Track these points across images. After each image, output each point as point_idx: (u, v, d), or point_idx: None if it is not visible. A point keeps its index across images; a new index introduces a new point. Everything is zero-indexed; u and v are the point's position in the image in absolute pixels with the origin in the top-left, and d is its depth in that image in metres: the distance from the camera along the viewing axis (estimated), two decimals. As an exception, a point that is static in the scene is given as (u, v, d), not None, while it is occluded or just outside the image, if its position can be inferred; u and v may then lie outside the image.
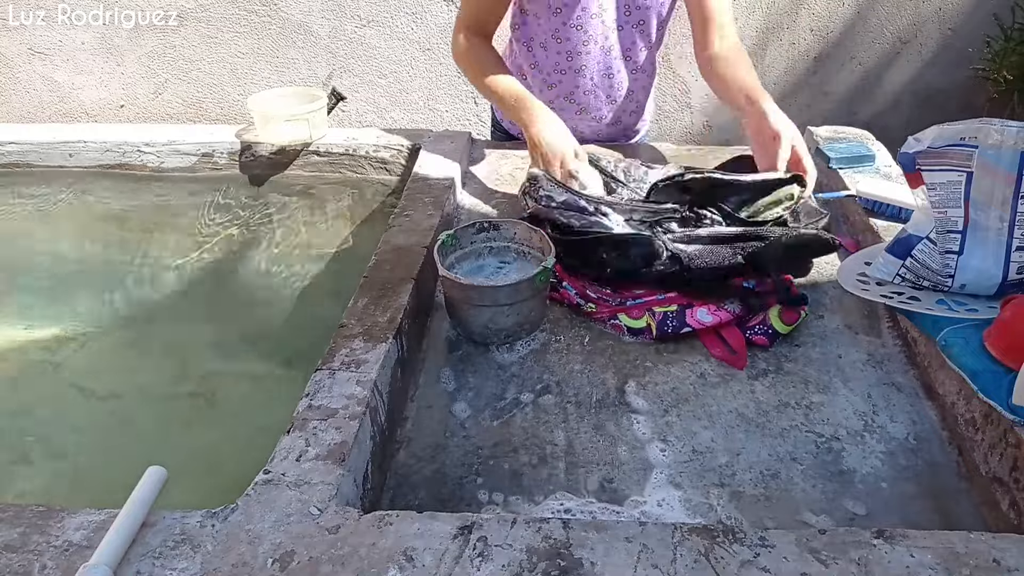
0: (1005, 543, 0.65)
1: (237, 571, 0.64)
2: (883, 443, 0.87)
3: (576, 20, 1.29)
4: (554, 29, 1.33)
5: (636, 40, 1.37)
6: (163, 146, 1.63)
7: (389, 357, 0.90)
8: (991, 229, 0.91)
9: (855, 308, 1.09)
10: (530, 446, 0.87)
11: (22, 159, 1.65)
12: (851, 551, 0.64)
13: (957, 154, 0.90)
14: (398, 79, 2.76)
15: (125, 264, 1.61)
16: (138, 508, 0.67)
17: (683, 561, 0.63)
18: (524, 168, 1.49)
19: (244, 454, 0.88)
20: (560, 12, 1.29)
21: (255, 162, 1.64)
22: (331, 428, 0.78)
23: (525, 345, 1.03)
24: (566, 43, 1.34)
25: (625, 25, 1.34)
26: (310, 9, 2.63)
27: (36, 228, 1.66)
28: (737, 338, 1.01)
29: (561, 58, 1.37)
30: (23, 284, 1.60)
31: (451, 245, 1.09)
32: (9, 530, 0.67)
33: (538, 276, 0.98)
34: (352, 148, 1.62)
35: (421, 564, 0.64)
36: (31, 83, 2.81)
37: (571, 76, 1.39)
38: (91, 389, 1.34)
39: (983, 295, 0.95)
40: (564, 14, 1.29)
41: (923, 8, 2.64)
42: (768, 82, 2.77)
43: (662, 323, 1.02)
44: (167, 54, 2.73)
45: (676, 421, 0.90)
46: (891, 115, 2.82)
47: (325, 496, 0.70)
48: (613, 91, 1.44)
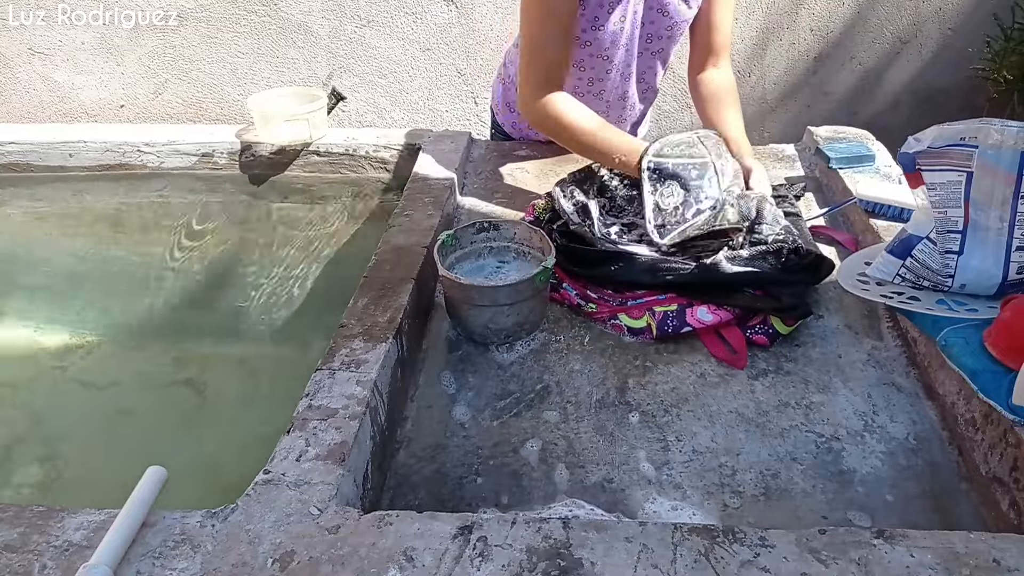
0: (1005, 543, 0.65)
1: (237, 571, 0.64)
2: (883, 443, 0.87)
3: (605, 52, 1.30)
4: (579, 59, 1.32)
5: (653, 65, 1.39)
6: (163, 146, 1.63)
7: (389, 357, 0.90)
8: (991, 229, 0.91)
9: (855, 308, 1.09)
10: (530, 446, 0.87)
11: (22, 159, 1.65)
12: (851, 551, 0.64)
13: (957, 154, 0.90)
14: (398, 79, 2.76)
15: (125, 264, 1.62)
16: (138, 508, 0.67)
17: (683, 561, 0.63)
18: (524, 168, 1.49)
19: (244, 454, 0.88)
20: (589, 45, 1.29)
21: (255, 162, 1.64)
22: (331, 428, 0.78)
23: (525, 345, 1.03)
24: (589, 71, 1.34)
25: (645, 52, 1.35)
26: (310, 9, 2.63)
27: (36, 228, 1.66)
28: (737, 337, 1.01)
29: (582, 83, 1.37)
30: (23, 284, 1.60)
31: (451, 245, 1.09)
32: (9, 530, 0.67)
33: (538, 276, 0.98)
34: (352, 148, 1.62)
35: (421, 564, 0.64)
36: (31, 83, 2.81)
37: (589, 99, 1.39)
38: (91, 389, 1.34)
39: (983, 295, 0.95)
40: (594, 47, 1.29)
41: (923, 8, 2.64)
42: (768, 82, 2.78)
43: (662, 323, 1.02)
44: (167, 54, 2.73)
45: (676, 421, 0.90)
46: (891, 115, 2.83)
47: (325, 496, 0.70)
48: (625, 111, 1.46)
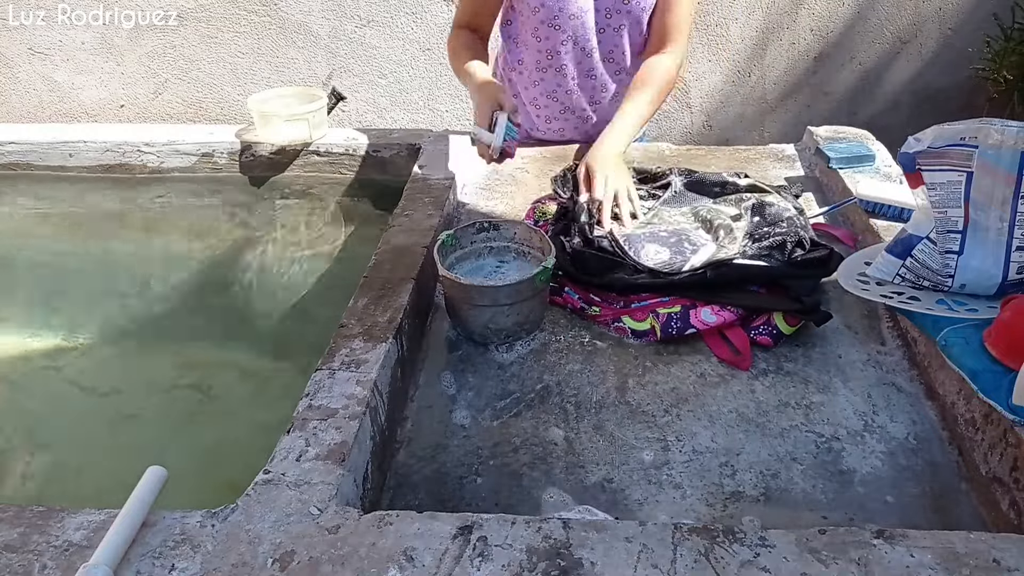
0: (1005, 543, 0.65)
1: (237, 571, 0.64)
2: (883, 443, 0.87)
3: (554, 20, 1.33)
4: (534, 27, 1.36)
5: (618, 43, 1.39)
6: (163, 146, 1.63)
7: (389, 357, 0.90)
8: (991, 229, 0.91)
9: (855, 308, 1.09)
10: (530, 446, 0.87)
11: (22, 159, 1.65)
12: (851, 551, 0.64)
13: (957, 154, 0.89)
14: (398, 79, 2.76)
15: (125, 264, 1.62)
16: (138, 508, 0.67)
17: (683, 561, 0.63)
18: (524, 168, 1.49)
19: (244, 454, 0.88)
20: (538, 11, 1.33)
21: (255, 162, 1.64)
22: (331, 428, 0.78)
23: (525, 345, 1.03)
24: (545, 41, 1.37)
25: (607, 28, 1.37)
26: (310, 9, 2.63)
27: (36, 228, 1.66)
28: (741, 339, 1.01)
29: (542, 56, 1.40)
30: (23, 284, 1.60)
31: (451, 245, 1.09)
32: (9, 530, 0.67)
33: (538, 276, 0.98)
34: (352, 148, 1.62)
35: (421, 564, 0.64)
36: (31, 83, 2.81)
37: (552, 74, 1.43)
38: (91, 389, 1.34)
39: (983, 295, 0.95)
40: (542, 13, 1.33)
41: (923, 8, 2.64)
42: (768, 82, 2.78)
43: (666, 325, 1.02)
44: (167, 54, 2.73)
45: (676, 421, 0.90)
46: (891, 115, 2.82)
47: (325, 496, 0.70)
48: (596, 92, 1.47)
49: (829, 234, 1.25)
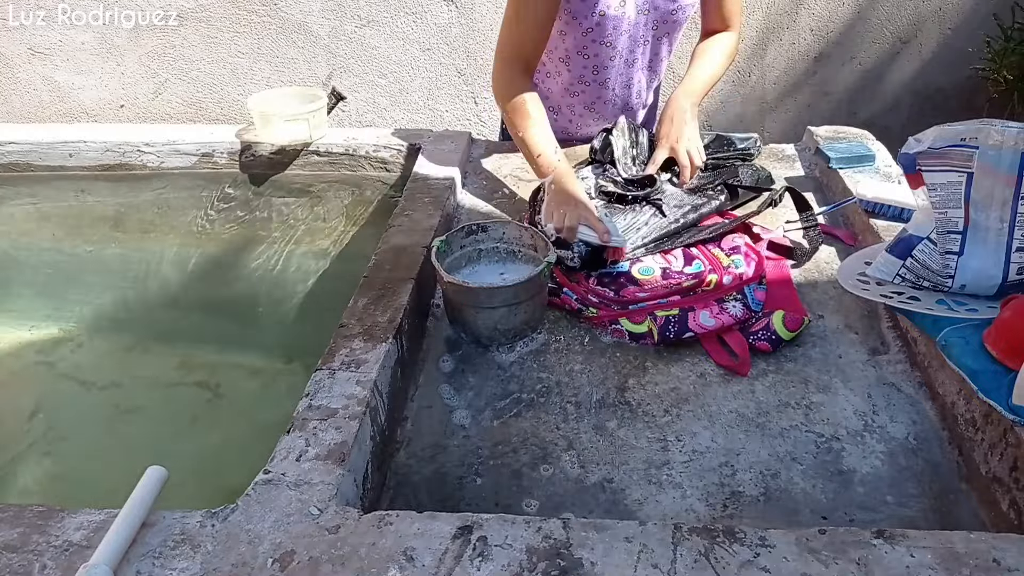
0: (1005, 543, 0.65)
1: (237, 571, 0.64)
2: (883, 443, 0.87)
3: (607, 38, 1.31)
4: (583, 45, 1.33)
5: (659, 52, 1.40)
6: (163, 146, 1.63)
7: (389, 357, 0.90)
8: (991, 230, 0.91)
9: (855, 308, 1.09)
10: (530, 446, 0.87)
11: (22, 159, 1.65)
12: (851, 551, 0.64)
13: (958, 155, 0.90)
14: (398, 79, 2.76)
15: (125, 264, 1.62)
16: (138, 508, 0.67)
17: (683, 561, 0.63)
18: (524, 168, 1.49)
19: (244, 454, 0.88)
20: (590, 32, 1.30)
21: (255, 162, 1.64)
22: (331, 428, 0.78)
23: (525, 345, 1.03)
24: (593, 59, 1.35)
25: (651, 39, 1.36)
26: (310, 9, 2.63)
27: (36, 228, 1.66)
28: (740, 343, 1.01)
29: (587, 71, 1.38)
30: (24, 284, 1.60)
31: (444, 251, 1.08)
32: (9, 530, 0.67)
33: (544, 270, 0.99)
34: (352, 148, 1.61)
35: (421, 564, 0.64)
36: (31, 83, 2.81)
37: (595, 88, 1.40)
38: (91, 389, 1.34)
39: (983, 295, 0.95)
40: (595, 32, 1.30)
41: (923, 8, 2.64)
42: (768, 82, 2.78)
43: (664, 327, 1.02)
44: (167, 54, 2.73)
45: (676, 421, 0.90)
46: (891, 115, 2.82)
47: (325, 496, 0.70)
48: (631, 99, 1.46)
49: (829, 234, 1.25)
